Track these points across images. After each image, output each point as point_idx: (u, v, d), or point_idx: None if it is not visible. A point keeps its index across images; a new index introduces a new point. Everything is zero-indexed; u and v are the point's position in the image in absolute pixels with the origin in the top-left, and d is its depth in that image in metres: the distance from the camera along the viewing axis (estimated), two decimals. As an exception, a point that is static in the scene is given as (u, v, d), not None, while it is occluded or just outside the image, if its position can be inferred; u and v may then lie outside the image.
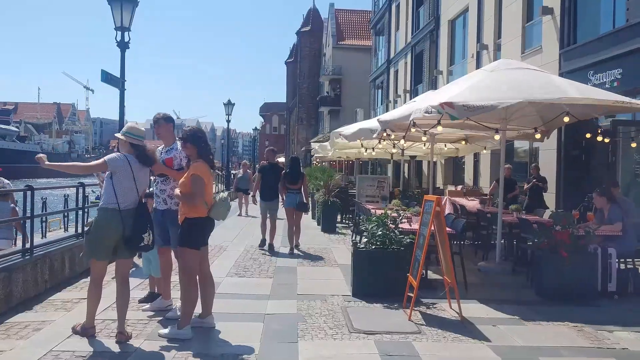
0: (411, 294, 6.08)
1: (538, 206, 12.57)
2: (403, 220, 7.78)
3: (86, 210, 8.97)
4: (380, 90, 36.58)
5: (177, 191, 5.26)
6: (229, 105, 26.17)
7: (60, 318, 5.84)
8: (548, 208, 12.56)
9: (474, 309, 6.33)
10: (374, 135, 10.58)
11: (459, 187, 14.57)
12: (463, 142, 13.17)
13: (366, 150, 13.35)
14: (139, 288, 6.96)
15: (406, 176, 24.44)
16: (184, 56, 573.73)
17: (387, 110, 28.65)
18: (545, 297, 7.00)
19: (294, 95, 74.67)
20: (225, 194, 5.50)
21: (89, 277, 5.39)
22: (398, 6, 31.29)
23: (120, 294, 5.18)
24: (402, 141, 13.07)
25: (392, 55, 32.61)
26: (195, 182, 5.08)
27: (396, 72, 31.58)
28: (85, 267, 7.18)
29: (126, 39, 10.07)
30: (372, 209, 11.07)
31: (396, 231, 7.00)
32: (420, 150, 16.39)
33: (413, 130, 8.87)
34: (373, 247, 6.96)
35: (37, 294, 6.82)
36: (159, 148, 6.06)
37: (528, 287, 7.63)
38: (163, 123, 6.00)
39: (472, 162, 19.45)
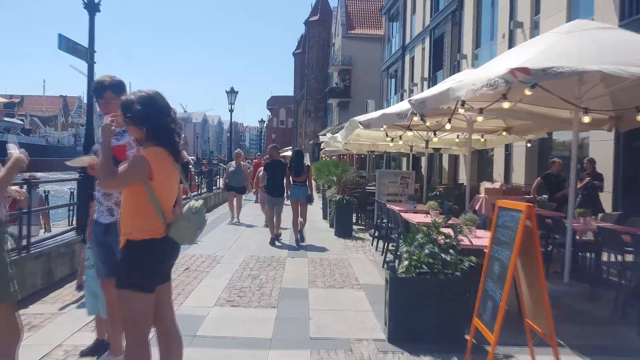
0: (476, 342, 4.09)
1: (593, 209, 10.49)
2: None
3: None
4: (394, 80, 34.44)
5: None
6: (232, 93, 24.14)
7: None
8: (604, 212, 10.51)
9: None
10: (405, 121, 8.57)
11: (497, 184, 12.52)
12: (503, 133, 11.09)
13: (392, 141, 11.29)
14: (88, 328, 4.96)
15: (424, 172, 22.46)
16: (191, 49, 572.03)
17: (401, 100, 26.52)
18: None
19: (302, 87, 72.97)
20: (199, 202, 3.48)
21: None
22: (414, -12, 29.16)
23: None
24: (429, 131, 11.17)
25: (407, 41, 30.44)
26: (136, 163, 3.13)
27: (412, 59, 29.43)
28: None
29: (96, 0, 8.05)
30: (399, 210, 9.05)
31: (451, 250, 4.96)
32: (446, 141, 14.34)
33: (462, 110, 6.85)
34: (417, 271, 4.92)
35: None
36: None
37: (625, 323, 5.59)
38: (111, 94, 3.98)
39: (502, 155, 17.31)
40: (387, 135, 10.83)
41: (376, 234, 10.92)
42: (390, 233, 8.82)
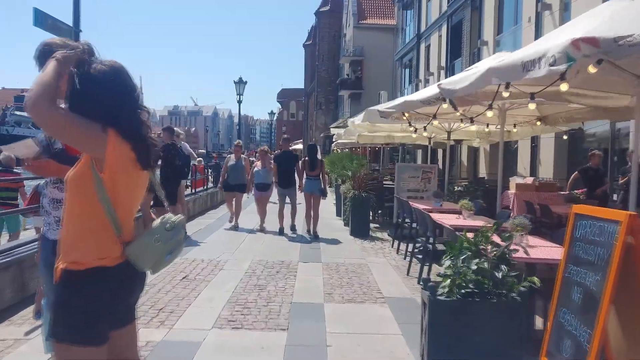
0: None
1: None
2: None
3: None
4: (408, 69, 33.30)
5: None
6: (240, 83, 23.12)
7: None
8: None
9: None
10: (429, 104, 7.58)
11: (529, 179, 11.43)
12: (538, 123, 10.01)
13: (415, 131, 10.22)
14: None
15: (441, 166, 21.38)
16: (201, 43, 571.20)
17: (416, 90, 25.38)
18: None
19: (312, 79, 71.92)
20: (178, 217, 2.50)
21: None
22: (430, -27, 27.94)
23: None
24: (454, 121, 10.15)
25: (422, 29, 29.25)
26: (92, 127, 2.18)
27: (427, 47, 28.25)
28: None
29: (81, -28, 7.06)
30: (424, 209, 8.03)
31: (504, 266, 3.93)
32: (468, 133, 13.28)
33: (506, 94, 5.80)
34: (462, 292, 3.90)
35: None
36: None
37: None
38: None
39: (528, 147, 16.19)
40: (410, 125, 9.77)
41: (395, 233, 9.94)
42: (416, 235, 7.79)
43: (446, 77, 18.05)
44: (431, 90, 7.82)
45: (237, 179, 11.65)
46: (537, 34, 15.03)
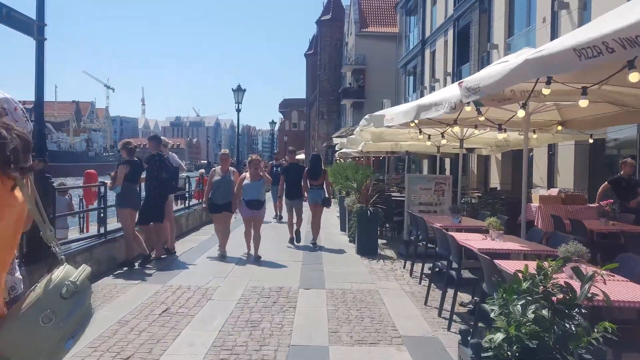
0: None
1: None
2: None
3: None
4: (412, 77, 32.39)
5: None
6: (239, 91, 22.17)
7: None
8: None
9: None
10: (444, 113, 6.57)
11: (554, 191, 10.37)
12: (559, 127, 9.01)
13: (429, 138, 9.22)
14: None
15: (448, 174, 20.34)
16: (203, 54, 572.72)
17: (421, 97, 24.39)
18: None
19: (314, 89, 71.20)
20: (80, 272, 1.50)
21: None
22: (435, -23, 27.08)
23: None
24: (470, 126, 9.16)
25: (427, 34, 28.35)
26: None
27: (433, 53, 27.33)
28: None
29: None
30: (441, 227, 7.01)
31: (577, 314, 2.90)
32: (481, 140, 12.27)
33: (546, 91, 4.80)
34: (519, 348, 2.87)
35: None
36: None
37: None
38: None
39: (544, 156, 15.16)
40: (420, 132, 8.77)
41: (405, 250, 8.93)
42: (435, 257, 6.75)
43: (453, 82, 17.07)
44: (449, 91, 6.84)
45: (224, 196, 9.30)
46: (554, 35, 14.08)
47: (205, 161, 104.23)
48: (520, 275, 3.05)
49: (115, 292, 6.66)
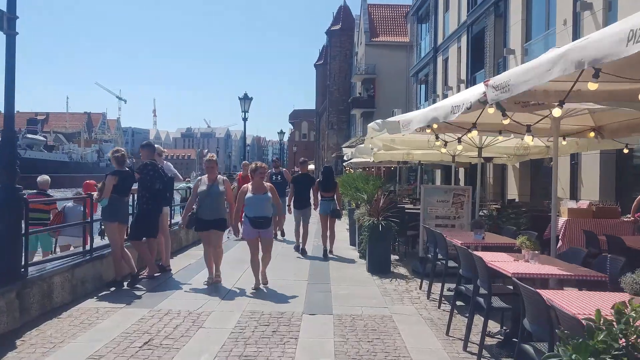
0: None
1: None
2: None
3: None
4: (424, 85, 31.61)
5: None
6: (245, 100, 21.48)
7: None
8: None
9: None
10: (467, 108, 5.82)
11: (584, 203, 9.51)
12: (591, 134, 8.19)
13: (446, 145, 8.43)
14: None
15: (461, 184, 19.49)
16: (213, 65, 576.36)
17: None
18: None
19: (324, 99, 70.76)
20: None
21: None
22: (447, -17, 26.39)
23: None
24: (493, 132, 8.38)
25: (439, 41, 27.60)
26: None
27: (445, 60, 26.56)
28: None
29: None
30: (462, 244, 6.23)
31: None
32: (500, 149, 11.43)
33: (593, 86, 4.03)
34: None
35: None
36: None
37: None
38: None
39: (567, 165, 14.26)
40: (437, 139, 7.97)
41: (421, 267, 8.13)
42: (458, 281, 5.92)
43: (467, 89, 16.20)
44: (469, 92, 6.06)
45: (213, 211, 7.69)
46: (576, 38, 13.26)
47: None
48: (591, 323, 2.26)
49: (95, 319, 5.90)
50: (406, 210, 11.42)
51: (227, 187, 7.92)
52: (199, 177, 8.20)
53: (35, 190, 9.25)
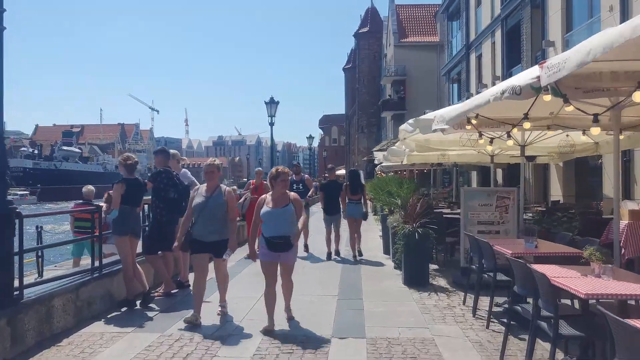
0: None
1: None
2: None
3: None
4: (456, 84, 30.57)
5: None
6: (271, 104, 20.83)
7: None
8: None
9: None
10: (515, 93, 5.02)
11: (648, 204, 8.54)
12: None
13: (491, 142, 7.53)
14: None
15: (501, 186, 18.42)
16: (243, 74, 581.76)
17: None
18: None
19: (353, 103, 70.03)
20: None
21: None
22: (479, -23, 25.37)
23: None
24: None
25: (472, 38, 26.55)
26: None
27: (479, 57, 25.50)
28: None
29: None
30: (512, 254, 5.40)
31: None
32: (544, 147, 10.45)
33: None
34: None
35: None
36: None
37: None
38: None
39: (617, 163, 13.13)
40: (480, 136, 7.11)
41: (466, 283, 7.26)
42: (513, 299, 5.06)
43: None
44: (524, 76, 5.19)
45: (210, 230, 6.12)
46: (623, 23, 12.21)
47: (246, 178, 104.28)
48: None
49: (98, 346, 5.24)
50: (444, 216, 10.54)
51: (229, 198, 6.26)
52: (197, 187, 6.65)
53: (81, 201, 9.94)
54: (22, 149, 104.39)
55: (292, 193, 6.10)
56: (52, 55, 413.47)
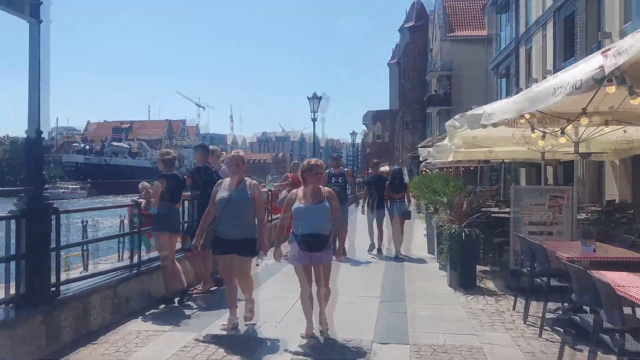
0: None
1: None
2: None
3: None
4: (504, 79, 29.67)
5: None
6: (314, 99, 20.62)
7: None
8: None
9: None
10: (575, 88, 4.59)
11: None
12: None
13: (543, 137, 7.06)
14: None
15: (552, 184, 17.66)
16: (288, 72, 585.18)
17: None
18: None
19: (398, 98, 69.14)
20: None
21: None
22: (530, -33, 24.46)
23: None
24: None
25: (521, 31, 25.66)
26: None
27: (528, 50, 24.62)
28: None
29: None
30: (567, 258, 5.01)
31: None
32: (600, 143, 9.86)
33: None
34: None
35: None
36: None
37: None
38: None
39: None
40: (533, 130, 6.66)
41: (517, 286, 6.87)
42: (571, 308, 4.69)
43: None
44: (584, 68, 4.77)
45: (235, 227, 5.59)
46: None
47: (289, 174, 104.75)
48: None
49: (134, 345, 5.14)
50: (492, 215, 10.10)
51: (257, 195, 5.71)
52: (220, 180, 6.07)
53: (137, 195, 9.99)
54: (74, 144, 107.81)
55: (326, 188, 5.57)
56: (102, 53, 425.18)
